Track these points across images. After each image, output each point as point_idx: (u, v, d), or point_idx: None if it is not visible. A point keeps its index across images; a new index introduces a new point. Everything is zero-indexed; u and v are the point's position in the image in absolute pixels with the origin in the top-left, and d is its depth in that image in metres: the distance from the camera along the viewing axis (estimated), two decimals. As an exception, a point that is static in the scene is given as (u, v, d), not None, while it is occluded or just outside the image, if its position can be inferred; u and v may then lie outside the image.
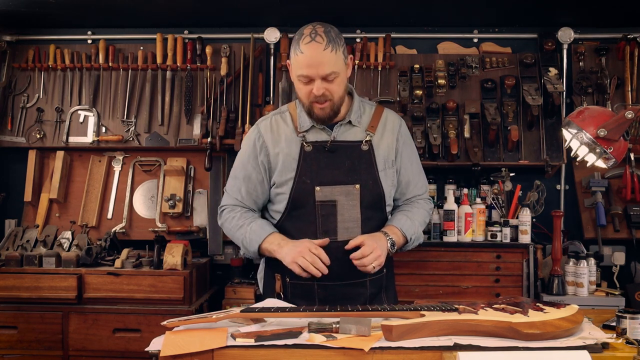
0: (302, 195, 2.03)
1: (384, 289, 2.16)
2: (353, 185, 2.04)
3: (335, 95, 1.99)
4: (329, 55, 1.92)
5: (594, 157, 2.01)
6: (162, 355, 1.52)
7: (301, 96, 2.02)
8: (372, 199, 2.07)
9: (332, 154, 2.05)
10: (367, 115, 2.14)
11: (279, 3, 3.18)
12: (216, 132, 3.37)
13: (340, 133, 2.08)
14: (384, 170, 2.10)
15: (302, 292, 2.07)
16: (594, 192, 3.31)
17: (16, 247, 3.13)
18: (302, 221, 2.05)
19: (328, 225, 2.03)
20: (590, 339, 1.56)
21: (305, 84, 1.97)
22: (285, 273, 2.07)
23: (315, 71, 1.92)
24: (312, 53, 1.91)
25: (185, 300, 2.96)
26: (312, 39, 1.92)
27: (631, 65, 3.36)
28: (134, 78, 3.53)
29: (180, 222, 3.48)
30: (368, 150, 2.08)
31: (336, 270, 1.98)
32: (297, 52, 1.94)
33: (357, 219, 2.04)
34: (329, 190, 2.03)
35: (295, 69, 1.97)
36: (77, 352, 2.97)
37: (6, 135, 3.53)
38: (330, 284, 2.03)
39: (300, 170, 2.04)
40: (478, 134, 3.34)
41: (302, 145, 2.06)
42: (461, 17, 3.44)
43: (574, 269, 2.96)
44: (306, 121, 2.07)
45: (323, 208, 2.03)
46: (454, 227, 3.09)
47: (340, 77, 1.98)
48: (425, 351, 1.51)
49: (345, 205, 2.03)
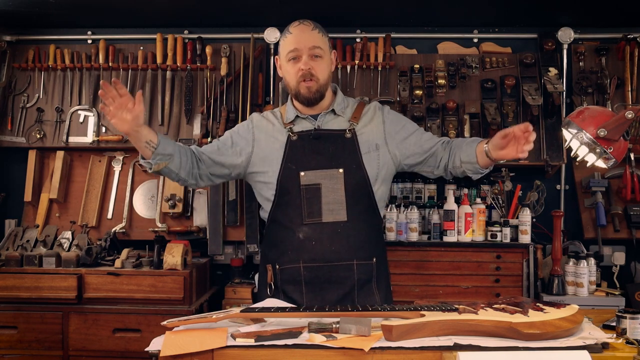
0: (288, 180, 2.13)
1: (374, 278, 2.17)
2: (337, 169, 2.12)
3: (321, 76, 2.14)
4: (317, 35, 2.14)
5: (594, 157, 2.01)
6: (162, 355, 1.52)
7: (290, 79, 2.17)
8: (355, 182, 2.14)
9: (316, 141, 2.16)
10: (350, 108, 2.27)
11: (279, 3, 3.18)
12: (216, 132, 3.38)
13: (324, 122, 2.20)
14: (368, 153, 2.17)
15: (289, 276, 2.14)
16: (594, 192, 3.30)
17: (16, 247, 3.13)
18: (290, 206, 2.14)
19: (312, 207, 2.11)
20: (590, 339, 1.56)
21: (294, 63, 2.13)
22: (275, 261, 2.17)
23: (304, 44, 2.11)
24: (301, 31, 2.13)
25: (185, 300, 2.96)
26: (300, 23, 2.16)
27: (631, 65, 3.36)
28: (134, 78, 3.53)
29: (180, 222, 3.48)
30: (351, 138, 2.18)
31: (321, 251, 2.09)
32: (287, 34, 2.16)
33: (342, 201, 2.11)
34: (312, 175, 2.12)
35: (284, 49, 2.15)
36: (77, 352, 2.96)
37: (6, 135, 3.53)
38: (315, 265, 2.10)
39: (286, 157, 2.15)
40: (478, 134, 3.34)
41: (288, 135, 2.19)
42: (461, 17, 3.44)
43: (574, 269, 2.96)
44: (291, 112, 2.22)
45: (308, 191, 2.12)
46: (454, 227, 3.09)
47: (325, 59, 2.16)
48: (425, 351, 1.51)
49: (329, 188, 2.11)
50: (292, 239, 2.13)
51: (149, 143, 2.03)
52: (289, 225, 2.13)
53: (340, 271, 2.11)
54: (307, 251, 2.11)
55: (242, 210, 3.39)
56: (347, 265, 2.12)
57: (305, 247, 2.11)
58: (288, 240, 2.14)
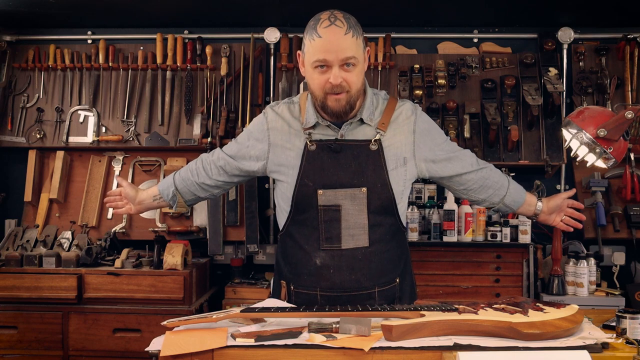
0: (304, 198, 1.90)
1: (397, 299, 1.98)
2: (359, 188, 1.87)
3: (353, 87, 1.82)
4: (350, 40, 1.79)
5: (594, 157, 2.01)
6: (162, 355, 1.52)
7: (314, 88, 1.85)
8: (380, 203, 1.90)
9: (336, 154, 1.89)
10: (379, 110, 1.95)
11: (279, 3, 3.18)
12: (216, 132, 3.38)
13: (348, 131, 1.91)
14: (395, 169, 1.92)
15: (305, 301, 1.94)
16: (594, 192, 3.30)
17: (16, 247, 3.13)
18: (306, 226, 1.93)
19: (331, 232, 1.89)
20: (590, 339, 1.56)
21: (322, 73, 1.80)
22: (290, 280, 1.99)
23: (335, 55, 1.77)
24: (332, 37, 1.77)
25: (185, 300, 2.96)
26: (331, 23, 1.79)
27: (631, 65, 3.36)
28: (134, 78, 3.53)
29: (180, 222, 3.48)
30: (377, 150, 1.90)
31: (340, 280, 1.90)
32: (314, 36, 1.79)
33: (364, 225, 1.89)
34: (332, 194, 1.87)
35: (311, 55, 1.81)
36: (77, 352, 2.97)
37: (6, 135, 3.53)
38: (333, 294, 1.91)
39: (303, 171, 1.90)
40: (478, 134, 3.34)
41: (306, 143, 1.91)
42: (461, 17, 3.44)
43: (574, 269, 2.96)
44: (312, 116, 1.91)
45: (326, 213, 1.88)
46: (454, 227, 3.09)
47: (359, 66, 1.83)
48: (425, 351, 1.51)
49: (350, 210, 1.88)
50: (309, 263, 1.92)
51: (155, 198, 2.19)
52: (305, 247, 1.93)
53: (360, 299, 1.91)
54: (325, 279, 1.91)
55: (242, 210, 3.39)
56: (368, 294, 1.92)
57: (323, 275, 1.91)
58: (303, 264, 1.94)
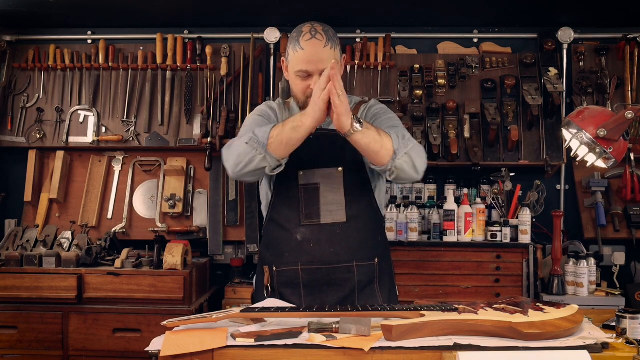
0: (285, 179, 2.07)
1: (376, 279, 2.12)
2: (335, 168, 2.07)
3: None
4: (329, 52, 2.00)
5: (594, 157, 2.00)
6: (162, 355, 1.52)
7: (297, 92, 2.09)
8: (356, 182, 2.09)
9: (316, 141, 2.06)
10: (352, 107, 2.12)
11: (279, 3, 3.18)
12: (216, 132, 3.38)
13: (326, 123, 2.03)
14: None
15: (287, 279, 2.08)
16: (594, 192, 3.31)
17: (16, 247, 3.13)
18: (287, 206, 2.09)
19: (310, 209, 2.06)
20: (590, 339, 1.56)
21: (304, 79, 2.03)
22: (272, 263, 2.11)
23: (315, 67, 1.98)
24: (312, 50, 1.99)
25: (185, 300, 2.96)
26: (312, 36, 2.00)
27: (631, 65, 3.36)
28: (134, 78, 3.53)
29: (180, 222, 3.48)
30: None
31: (319, 253, 2.03)
32: (297, 48, 2.02)
33: (341, 201, 2.06)
34: (311, 174, 2.07)
35: (294, 65, 2.04)
36: (77, 352, 2.97)
37: (6, 135, 3.53)
38: (314, 267, 2.05)
39: None
40: (478, 134, 3.34)
41: None
42: (461, 17, 3.45)
43: (574, 269, 2.96)
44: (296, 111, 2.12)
45: (306, 191, 2.07)
46: (454, 227, 3.09)
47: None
48: (425, 351, 1.51)
49: (327, 188, 2.06)
50: (290, 241, 2.08)
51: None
52: (286, 226, 2.09)
53: (340, 273, 2.06)
54: (305, 253, 2.05)
55: (242, 210, 3.39)
56: (347, 267, 2.06)
57: (303, 249, 2.06)
58: (285, 242, 2.09)
